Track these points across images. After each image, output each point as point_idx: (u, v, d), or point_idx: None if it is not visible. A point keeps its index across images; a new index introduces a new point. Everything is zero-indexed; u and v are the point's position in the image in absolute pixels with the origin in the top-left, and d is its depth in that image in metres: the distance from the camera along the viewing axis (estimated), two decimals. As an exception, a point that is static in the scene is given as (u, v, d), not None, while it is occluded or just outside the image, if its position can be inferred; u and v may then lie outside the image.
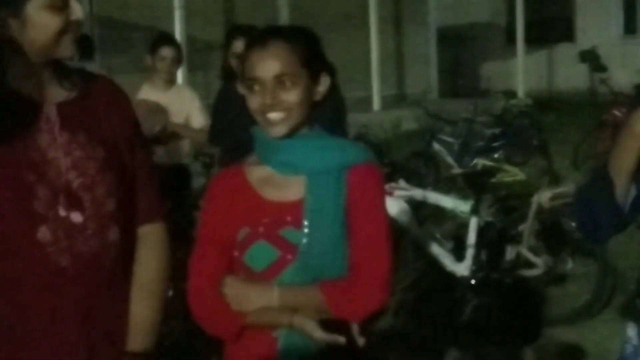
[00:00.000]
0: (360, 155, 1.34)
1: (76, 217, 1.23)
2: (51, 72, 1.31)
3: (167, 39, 4.04)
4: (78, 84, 1.33)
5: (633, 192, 1.40)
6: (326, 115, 1.49)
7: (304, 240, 1.26)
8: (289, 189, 1.31)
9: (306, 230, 1.27)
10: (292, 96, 1.24)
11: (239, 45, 2.85)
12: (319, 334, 1.23)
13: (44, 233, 1.21)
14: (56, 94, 1.32)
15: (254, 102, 1.25)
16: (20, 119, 1.26)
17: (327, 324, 1.26)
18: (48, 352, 1.25)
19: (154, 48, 3.69)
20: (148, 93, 3.70)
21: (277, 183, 1.33)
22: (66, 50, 1.29)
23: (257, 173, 1.34)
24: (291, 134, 1.27)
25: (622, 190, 1.38)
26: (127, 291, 1.34)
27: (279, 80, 1.22)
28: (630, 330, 1.63)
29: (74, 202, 1.23)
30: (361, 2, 10.35)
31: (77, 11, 1.28)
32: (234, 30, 3.26)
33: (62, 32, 1.27)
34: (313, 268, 1.30)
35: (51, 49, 1.28)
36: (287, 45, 1.25)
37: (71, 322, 1.25)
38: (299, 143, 1.30)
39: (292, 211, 1.29)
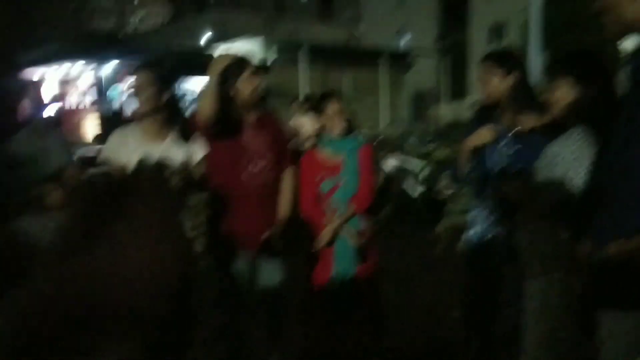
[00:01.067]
0: (362, 142, 2.74)
1: (256, 168, 2.38)
2: (248, 109, 2.45)
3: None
4: (259, 112, 2.50)
5: (468, 167, 2.53)
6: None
7: (343, 176, 2.59)
8: (336, 158, 2.63)
9: (343, 174, 2.60)
10: (339, 122, 2.67)
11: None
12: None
13: (243, 175, 2.38)
14: (251, 117, 2.48)
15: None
16: (237, 129, 2.41)
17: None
18: (250, 222, 2.36)
19: None
20: None
21: (330, 156, 2.65)
22: (254, 98, 2.43)
23: (321, 154, 2.68)
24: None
25: (461, 169, 2.57)
26: (277, 195, 2.48)
27: (335, 114, 2.65)
28: (470, 215, 2.62)
29: (257, 161, 2.40)
30: (377, 81, 18.76)
31: (262, 81, 2.46)
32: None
33: (254, 90, 2.41)
34: (347, 188, 2.60)
35: (247, 98, 2.43)
36: (341, 101, 2.69)
37: (255, 207, 2.40)
38: (339, 139, 2.65)
39: (338, 167, 2.62)
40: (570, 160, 1.83)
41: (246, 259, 2.44)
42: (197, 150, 2.42)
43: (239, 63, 2.38)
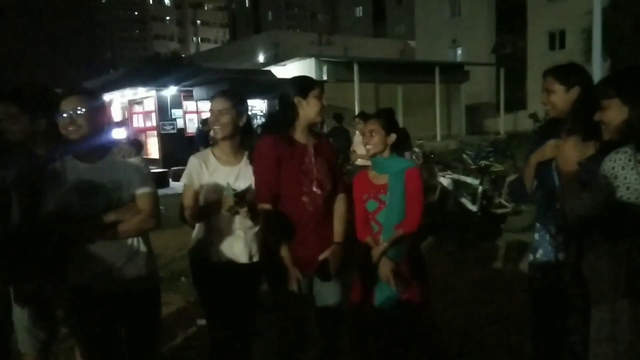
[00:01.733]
0: (411, 164, 2.59)
1: (318, 191, 2.38)
2: (309, 130, 2.41)
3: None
4: (317, 135, 2.50)
5: (535, 183, 2.37)
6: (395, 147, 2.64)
7: (387, 199, 2.50)
8: (382, 179, 2.55)
9: (388, 195, 2.50)
10: (375, 140, 2.54)
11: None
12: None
13: (304, 198, 2.36)
14: (311, 140, 2.44)
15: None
16: (298, 151, 2.38)
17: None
18: (306, 245, 2.36)
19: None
20: None
21: (377, 176, 2.58)
22: (319, 119, 2.41)
23: (371, 173, 2.63)
24: (379, 155, 2.55)
25: (529, 184, 2.39)
26: (332, 213, 2.46)
27: (370, 133, 2.54)
28: (535, 236, 2.46)
29: (318, 185, 2.38)
30: (431, 93, 19.32)
31: (325, 101, 2.35)
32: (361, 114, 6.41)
33: (320, 109, 2.34)
34: (391, 210, 2.50)
35: (316, 116, 2.37)
36: (378, 121, 2.56)
37: (313, 231, 2.39)
38: (383, 160, 2.56)
39: (384, 187, 2.53)
40: (622, 177, 1.78)
41: (304, 282, 2.42)
42: None
43: (306, 82, 2.43)
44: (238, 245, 2.46)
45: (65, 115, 2.13)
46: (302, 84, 2.41)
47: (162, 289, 4.34)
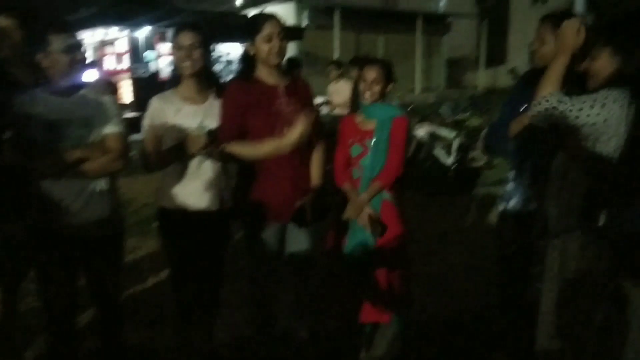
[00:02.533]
0: (400, 113, 2.56)
1: (287, 131, 2.22)
2: (278, 71, 2.35)
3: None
4: (289, 75, 2.42)
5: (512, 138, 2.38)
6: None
7: (372, 144, 2.49)
8: (370, 125, 2.55)
9: (374, 140, 2.50)
10: (376, 89, 2.52)
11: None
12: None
13: (276, 136, 2.23)
14: (282, 81, 2.37)
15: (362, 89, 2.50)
16: (268, 94, 2.30)
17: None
18: (281, 191, 2.35)
19: None
20: None
21: (365, 122, 2.58)
22: (274, 60, 2.29)
23: (358, 118, 2.62)
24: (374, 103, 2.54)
25: (515, 129, 2.34)
26: (309, 161, 2.43)
27: (372, 81, 2.51)
28: (508, 186, 2.48)
29: (288, 125, 2.23)
30: (413, 45, 18.97)
31: (278, 43, 2.26)
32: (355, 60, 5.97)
33: (269, 51, 2.26)
34: (375, 156, 2.49)
35: (268, 59, 2.29)
36: (378, 67, 2.53)
37: (286, 176, 2.36)
38: (376, 106, 2.55)
39: (370, 133, 2.52)
40: (606, 120, 1.76)
41: (276, 227, 2.44)
42: None
43: (258, 21, 2.31)
44: (209, 190, 2.35)
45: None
46: (248, 30, 2.31)
47: (134, 233, 4.44)
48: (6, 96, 2.06)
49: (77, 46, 2.12)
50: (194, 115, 2.32)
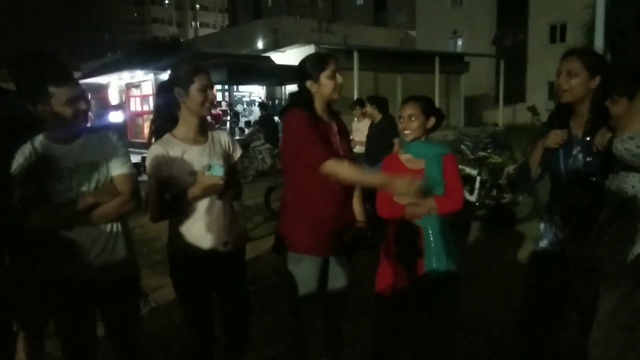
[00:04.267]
0: (448, 150, 2.55)
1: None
2: (328, 110, 2.40)
3: None
4: (335, 114, 2.46)
5: (539, 171, 2.37)
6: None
7: (425, 183, 2.19)
8: (418, 164, 2.48)
9: (425, 180, 2.32)
10: (414, 125, 2.46)
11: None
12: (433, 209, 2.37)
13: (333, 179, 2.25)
14: (332, 119, 2.44)
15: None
16: (326, 130, 2.37)
17: None
18: (328, 224, 2.34)
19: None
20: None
21: (412, 161, 2.51)
22: (337, 95, 2.33)
23: (404, 157, 2.55)
24: (417, 140, 2.48)
25: (533, 170, 2.36)
26: (351, 198, 2.44)
27: (410, 117, 2.46)
28: (541, 226, 2.41)
29: (341, 158, 2.29)
30: (431, 83, 19.37)
31: (340, 79, 2.33)
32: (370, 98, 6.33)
33: (335, 88, 2.32)
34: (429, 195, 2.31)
35: (331, 96, 2.34)
36: (417, 104, 2.49)
37: (337, 211, 2.37)
38: (421, 144, 2.50)
39: (420, 172, 2.42)
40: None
41: (318, 261, 2.41)
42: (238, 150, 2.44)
43: (323, 59, 2.34)
44: (219, 232, 2.27)
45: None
46: (312, 66, 2.33)
47: (157, 272, 4.43)
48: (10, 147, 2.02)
49: (80, 97, 2.06)
50: (201, 155, 2.25)
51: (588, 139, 2.22)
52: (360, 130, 6.67)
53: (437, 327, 2.53)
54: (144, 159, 10.11)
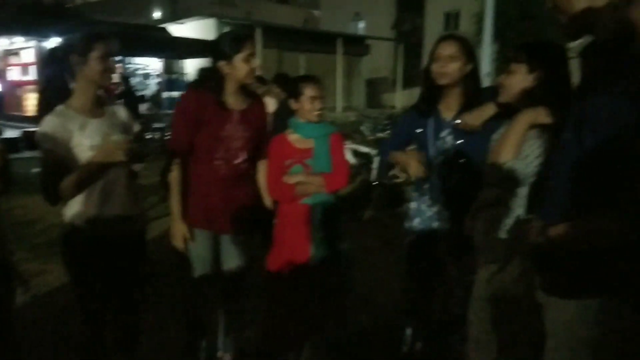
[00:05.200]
0: (334, 129, 2.54)
1: (235, 159, 2.34)
2: (240, 92, 2.33)
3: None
4: (249, 98, 2.40)
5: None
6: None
7: (313, 163, 2.41)
8: (307, 143, 2.46)
9: (314, 159, 2.42)
10: (321, 106, 2.42)
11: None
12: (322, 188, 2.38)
13: (217, 162, 2.33)
14: (240, 104, 2.37)
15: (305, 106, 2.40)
16: (222, 117, 2.30)
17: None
18: (212, 204, 2.37)
19: None
20: None
21: (301, 141, 2.47)
22: (250, 80, 2.33)
23: (292, 137, 2.50)
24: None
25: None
26: (251, 185, 2.49)
27: (319, 99, 2.41)
28: (412, 205, 2.56)
29: (235, 153, 2.33)
30: (334, 64, 19.38)
31: (255, 63, 2.27)
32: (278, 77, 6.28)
33: (249, 72, 2.27)
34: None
35: (244, 80, 2.29)
36: (320, 84, 2.46)
37: (220, 192, 2.37)
38: (309, 124, 2.45)
39: (309, 152, 2.44)
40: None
41: (210, 238, 2.45)
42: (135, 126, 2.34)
43: (239, 40, 2.28)
44: (126, 204, 2.20)
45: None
46: (227, 47, 2.26)
47: (41, 255, 4.13)
48: None
49: None
50: (101, 128, 2.13)
51: (458, 121, 2.33)
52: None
53: (330, 304, 2.57)
54: (26, 134, 9.23)
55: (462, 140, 2.33)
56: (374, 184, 6.74)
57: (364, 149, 7.18)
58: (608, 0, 1.33)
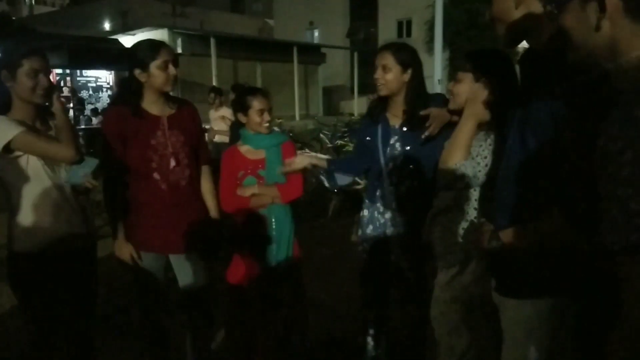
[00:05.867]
0: (286, 138, 2.56)
1: (173, 165, 2.25)
2: (163, 99, 2.27)
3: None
4: (176, 104, 2.33)
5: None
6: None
7: (265, 174, 2.41)
8: (259, 154, 2.45)
9: (266, 170, 2.42)
10: (270, 117, 2.42)
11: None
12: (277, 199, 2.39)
13: (155, 175, 2.24)
14: (166, 111, 2.29)
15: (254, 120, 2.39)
16: (149, 125, 2.24)
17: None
18: (160, 224, 2.27)
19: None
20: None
21: (252, 152, 2.47)
22: (169, 87, 2.22)
23: (243, 148, 2.49)
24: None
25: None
26: (196, 195, 2.37)
27: (268, 110, 2.41)
28: (364, 212, 2.55)
29: (173, 160, 2.25)
30: (290, 73, 19.58)
31: (173, 70, 2.21)
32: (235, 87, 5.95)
33: (166, 80, 2.19)
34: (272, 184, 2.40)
35: (162, 88, 2.21)
36: (268, 96, 2.46)
37: (167, 210, 2.27)
38: (259, 135, 2.45)
39: (261, 162, 2.44)
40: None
41: (159, 259, 2.37)
42: None
43: (153, 48, 2.20)
44: (69, 227, 2.14)
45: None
46: (141, 55, 2.19)
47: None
48: None
49: None
50: None
51: (405, 129, 2.37)
52: (218, 119, 6.54)
53: (287, 314, 2.57)
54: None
55: (409, 147, 2.37)
56: (334, 191, 6.80)
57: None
58: (542, 9, 1.40)
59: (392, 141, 2.41)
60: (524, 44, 1.61)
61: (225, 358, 2.77)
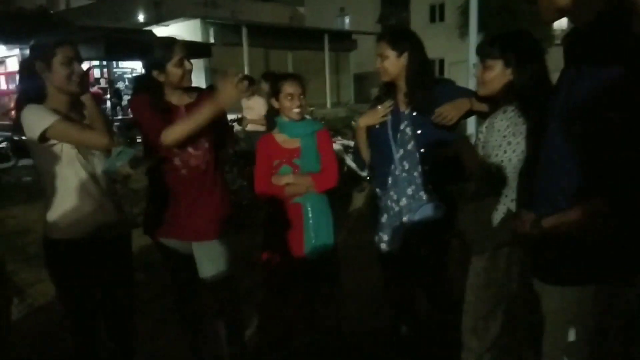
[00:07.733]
0: (320, 126, 2.56)
1: (193, 151, 2.25)
2: (182, 91, 2.32)
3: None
4: (195, 93, 2.36)
5: (369, 151, 2.52)
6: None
7: (301, 163, 2.40)
8: (294, 143, 2.47)
9: (302, 159, 2.41)
10: (303, 102, 2.43)
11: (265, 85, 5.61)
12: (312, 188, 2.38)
13: (176, 161, 2.26)
14: (185, 100, 2.33)
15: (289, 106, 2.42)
16: (169, 113, 2.26)
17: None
18: (182, 210, 2.29)
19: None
20: None
21: (288, 141, 2.48)
22: (187, 83, 2.29)
23: (279, 137, 2.50)
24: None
25: (364, 151, 2.53)
26: (217, 180, 2.34)
27: (300, 95, 2.43)
28: (380, 203, 2.50)
29: (193, 146, 2.25)
30: (322, 61, 19.55)
31: (188, 65, 2.25)
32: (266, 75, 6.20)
33: (183, 75, 2.26)
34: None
35: (180, 84, 2.28)
36: (300, 81, 2.46)
37: (187, 196, 2.29)
38: (295, 123, 2.47)
39: (297, 151, 2.44)
40: (503, 134, 1.90)
41: (188, 246, 2.37)
42: None
43: (169, 47, 2.24)
44: (103, 216, 2.17)
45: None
46: (158, 56, 2.23)
47: (35, 265, 4.07)
48: None
49: None
50: None
51: (415, 113, 2.35)
52: (251, 108, 6.54)
53: (324, 302, 2.57)
54: (13, 142, 9.10)
55: (420, 131, 2.34)
56: (367, 177, 6.77)
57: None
58: None
59: (402, 127, 2.39)
60: (562, 24, 1.53)
61: (259, 346, 2.79)
